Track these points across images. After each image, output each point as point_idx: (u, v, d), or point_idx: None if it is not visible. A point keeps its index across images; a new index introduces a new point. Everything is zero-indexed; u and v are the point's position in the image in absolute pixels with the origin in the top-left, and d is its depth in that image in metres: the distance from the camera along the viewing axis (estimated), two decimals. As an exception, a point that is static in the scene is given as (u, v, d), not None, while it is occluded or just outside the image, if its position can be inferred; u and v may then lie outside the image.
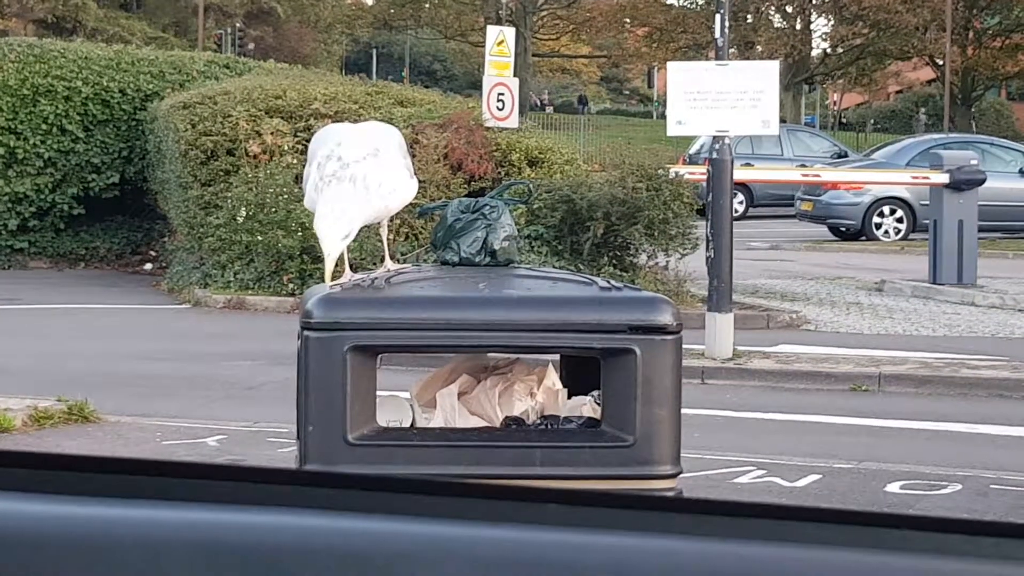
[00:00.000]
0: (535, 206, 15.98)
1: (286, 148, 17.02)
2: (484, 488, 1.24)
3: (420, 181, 8.46)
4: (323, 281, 4.53)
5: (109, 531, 1.21)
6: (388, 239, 5.18)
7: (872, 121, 66.73)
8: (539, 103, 71.59)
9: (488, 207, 4.93)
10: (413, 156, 5.00)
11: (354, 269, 4.96)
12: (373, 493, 1.26)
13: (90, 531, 1.21)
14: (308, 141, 5.50)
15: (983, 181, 17.92)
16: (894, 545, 1.19)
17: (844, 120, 66.57)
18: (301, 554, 1.19)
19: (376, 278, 4.57)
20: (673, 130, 12.75)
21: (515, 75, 18.29)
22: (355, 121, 15.80)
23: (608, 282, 4.56)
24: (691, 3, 56.25)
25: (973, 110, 57.67)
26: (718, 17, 12.81)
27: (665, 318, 4.33)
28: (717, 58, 12.81)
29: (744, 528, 1.21)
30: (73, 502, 1.23)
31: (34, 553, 1.21)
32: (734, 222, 12.99)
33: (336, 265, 4.41)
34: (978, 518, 1.21)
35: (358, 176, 4.45)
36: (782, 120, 34.93)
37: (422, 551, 1.20)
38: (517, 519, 1.21)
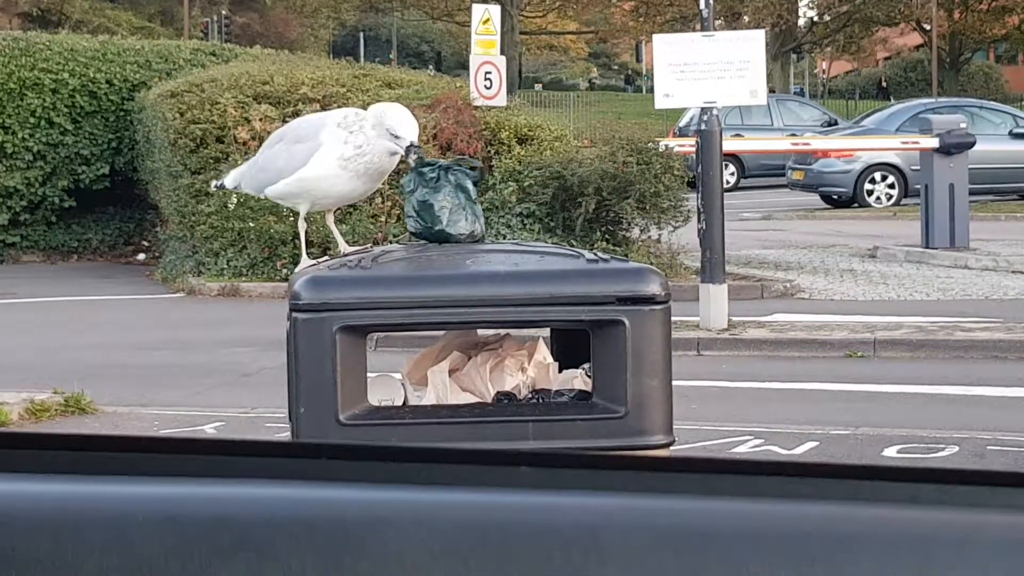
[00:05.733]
0: (526, 184, 15.97)
1: (275, 133, 16.98)
2: (454, 453, 1.24)
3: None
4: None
5: (80, 508, 1.21)
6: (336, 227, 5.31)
7: (858, 87, 66.44)
8: (588, 84, 72.77)
9: (428, 171, 4.86)
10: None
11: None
12: (345, 462, 1.26)
13: (60, 508, 1.22)
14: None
15: (972, 144, 17.93)
16: (865, 496, 1.19)
17: (885, 86, 65.37)
18: (271, 523, 1.20)
19: (363, 258, 4.58)
20: (661, 103, 12.74)
21: (502, 53, 18.25)
22: (341, 105, 15.68)
23: (595, 254, 4.56)
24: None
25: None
26: (702, -12, 12.78)
27: (653, 288, 4.33)
28: (703, 29, 12.78)
29: (715, 485, 1.22)
30: (40, 480, 1.24)
31: (4, 532, 1.21)
32: (726, 193, 12.99)
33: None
34: (948, 466, 1.21)
35: None
36: (771, 90, 34.89)
37: (394, 517, 1.20)
38: (489, 483, 1.21)
